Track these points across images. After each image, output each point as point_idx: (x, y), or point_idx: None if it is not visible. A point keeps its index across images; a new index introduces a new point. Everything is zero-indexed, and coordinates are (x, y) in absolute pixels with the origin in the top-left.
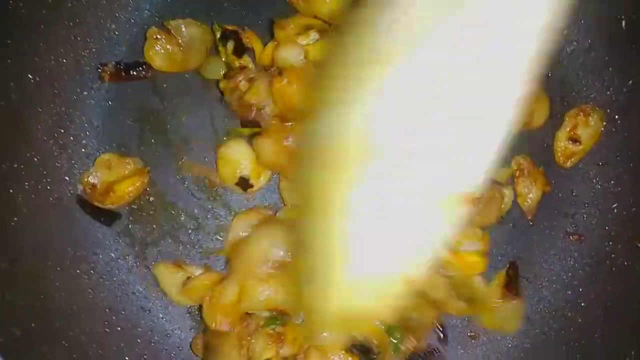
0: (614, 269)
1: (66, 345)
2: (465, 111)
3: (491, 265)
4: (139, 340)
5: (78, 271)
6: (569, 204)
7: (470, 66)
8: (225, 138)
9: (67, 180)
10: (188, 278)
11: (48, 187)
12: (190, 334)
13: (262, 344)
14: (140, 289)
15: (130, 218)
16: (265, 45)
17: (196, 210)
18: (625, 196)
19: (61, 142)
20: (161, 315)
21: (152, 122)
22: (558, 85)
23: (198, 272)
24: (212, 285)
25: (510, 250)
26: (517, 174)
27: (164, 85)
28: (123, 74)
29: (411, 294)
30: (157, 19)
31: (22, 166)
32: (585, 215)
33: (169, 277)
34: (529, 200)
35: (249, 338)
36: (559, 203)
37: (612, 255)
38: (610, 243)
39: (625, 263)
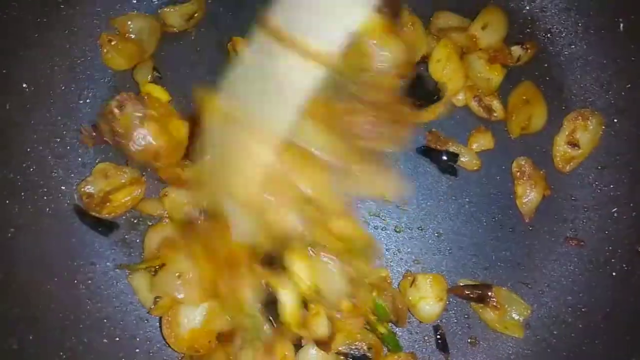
0: (614, 274)
1: (64, 356)
2: None
3: (490, 270)
4: (137, 350)
5: (75, 281)
6: (569, 208)
7: None
8: None
9: (63, 189)
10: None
11: (44, 197)
12: None
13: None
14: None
15: (128, 227)
16: None
17: None
18: (625, 200)
19: (57, 151)
20: (159, 325)
21: None
22: (556, 89)
23: None
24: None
25: (509, 255)
26: (517, 175)
27: None
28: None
29: None
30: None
31: (18, 176)
32: (584, 220)
33: (145, 288)
34: (528, 202)
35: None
36: (558, 208)
37: (612, 260)
38: (610, 248)
39: (626, 268)
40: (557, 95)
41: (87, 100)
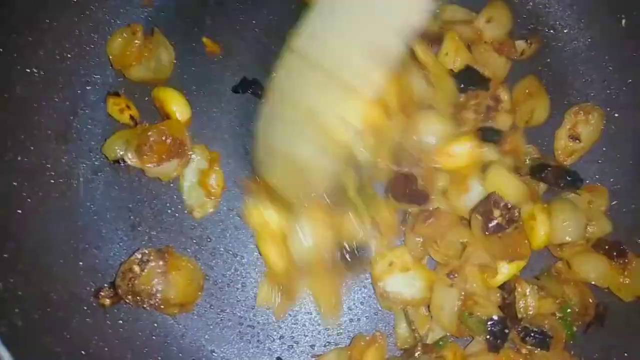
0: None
1: (68, 336)
2: None
3: None
4: (139, 334)
5: (80, 264)
6: None
7: None
8: None
9: (70, 174)
10: None
11: (52, 180)
12: (193, 323)
13: None
14: None
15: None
16: None
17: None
18: (626, 194)
19: (65, 135)
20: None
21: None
22: (558, 83)
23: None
24: None
25: None
26: None
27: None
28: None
29: None
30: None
31: (25, 159)
32: None
33: None
34: None
35: None
36: None
37: (613, 252)
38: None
39: (626, 260)
40: (559, 90)
41: (95, 86)
